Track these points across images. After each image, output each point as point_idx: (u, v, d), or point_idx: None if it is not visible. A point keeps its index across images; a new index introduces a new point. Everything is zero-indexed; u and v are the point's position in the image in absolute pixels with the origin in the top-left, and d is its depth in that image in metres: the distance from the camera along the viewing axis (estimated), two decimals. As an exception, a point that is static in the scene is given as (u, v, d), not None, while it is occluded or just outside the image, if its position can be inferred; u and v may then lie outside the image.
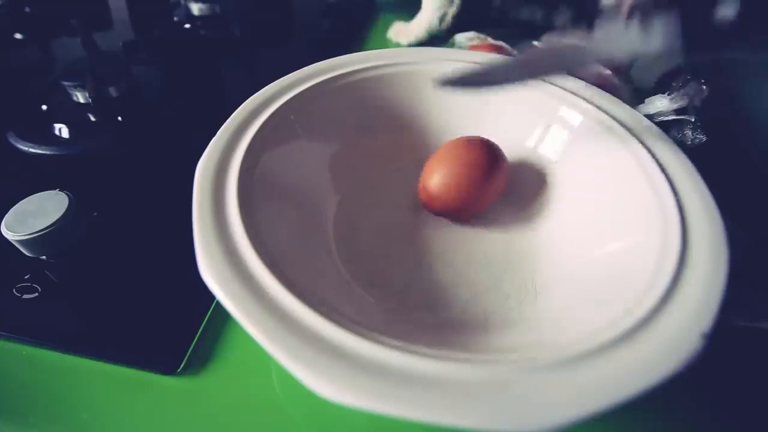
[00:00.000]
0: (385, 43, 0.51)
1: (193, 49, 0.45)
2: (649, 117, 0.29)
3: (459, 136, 0.31)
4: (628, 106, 0.27)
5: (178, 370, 0.23)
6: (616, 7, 0.18)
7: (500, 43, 0.39)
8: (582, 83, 0.29)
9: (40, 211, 0.26)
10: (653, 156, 0.24)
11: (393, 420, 0.15)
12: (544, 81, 0.22)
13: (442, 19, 0.48)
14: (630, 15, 0.18)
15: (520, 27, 0.51)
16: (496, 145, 0.27)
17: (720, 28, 0.15)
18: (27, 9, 0.56)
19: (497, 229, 0.28)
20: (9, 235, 0.25)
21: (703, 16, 0.16)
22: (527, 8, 0.50)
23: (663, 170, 0.23)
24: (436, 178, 0.26)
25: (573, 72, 0.21)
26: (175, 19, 0.54)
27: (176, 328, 0.25)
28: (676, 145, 0.25)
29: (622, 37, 0.19)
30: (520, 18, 0.51)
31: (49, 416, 0.22)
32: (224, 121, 0.25)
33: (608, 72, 0.34)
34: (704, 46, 0.16)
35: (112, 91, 0.39)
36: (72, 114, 0.38)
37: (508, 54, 0.38)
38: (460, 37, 0.43)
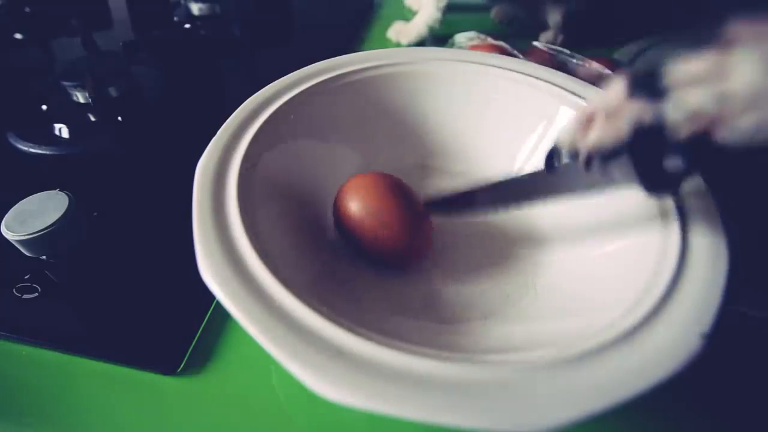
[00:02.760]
0: (385, 43, 0.51)
1: (193, 49, 0.45)
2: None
3: (459, 136, 0.31)
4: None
5: (178, 370, 0.23)
6: (573, 154, 0.19)
7: (500, 43, 0.39)
8: (582, 83, 0.29)
9: (40, 211, 0.26)
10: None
11: (393, 420, 0.15)
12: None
13: (443, 14, 0.48)
14: (588, 162, 0.19)
15: (508, 25, 0.51)
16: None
17: (672, 174, 0.17)
18: (27, 9, 0.56)
19: (497, 229, 0.28)
20: (9, 235, 0.25)
21: (657, 165, 0.17)
22: (510, 6, 0.50)
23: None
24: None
25: (542, 202, 0.22)
26: (175, 19, 0.54)
27: (176, 328, 0.25)
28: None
29: (585, 178, 0.19)
30: (499, 18, 0.51)
31: (49, 416, 0.22)
32: (224, 121, 0.25)
33: (608, 72, 0.34)
34: (662, 188, 0.18)
35: (112, 91, 0.39)
36: (72, 114, 0.38)
37: (509, 54, 0.38)
38: (460, 37, 0.43)
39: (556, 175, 0.21)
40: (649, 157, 0.17)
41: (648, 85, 0.17)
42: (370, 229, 0.23)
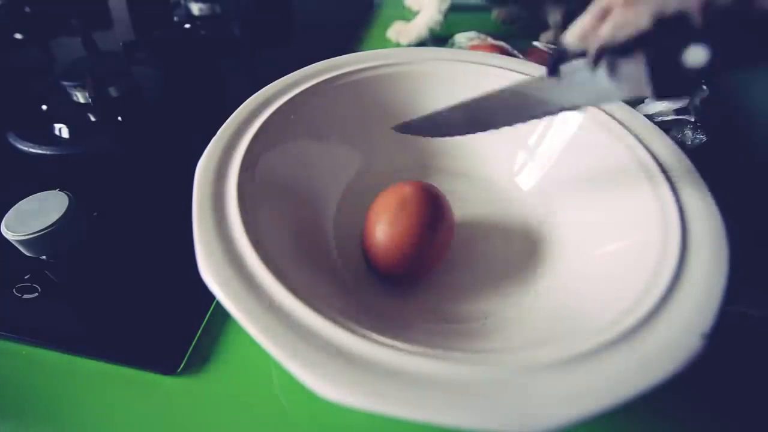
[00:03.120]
0: (385, 43, 0.51)
1: (193, 49, 0.45)
2: (650, 117, 0.29)
3: (458, 136, 0.31)
4: (628, 106, 0.27)
5: (178, 370, 0.23)
6: (582, 49, 0.17)
7: (500, 42, 0.39)
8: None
9: (40, 211, 0.26)
10: (653, 156, 0.24)
11: (393, 420, 0.15)
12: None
13: (445, 16, 0.48)
14: (597, 59, 0.17)
15: (509, 25, 0.51)
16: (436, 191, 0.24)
17: (689, 73, 0.15)
18: (27, 9, 0.56)
19: (497, 229, 0.28)
20: (9, 235, 0.25)
21: (673, 62, 0.15)
22: (510, 6, 0.50)
23: (663, 170, 0.23)
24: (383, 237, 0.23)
25: (533, 118, 0.20)
26: (175, 19, 0.54)
27: (176, 328, 0.25)
28: (675, 144, 0.25)
29: (589, 84, 0.18)
30: (500, 18, 0.51)
31: (49, 416, 0.22)
32: (224, 121, 0.25)
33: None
34: (673, 91, 0.16)
35: (112, 91, 0.39)
36: (72, 114, 0.38)
37: (509, 54, 0.38)
38: (460, 37, 0.43)
39: (559, 80, 0.19)
40: (667, 52, 0.15)
41: None
42: (375, 244, 0.23)
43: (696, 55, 0.14)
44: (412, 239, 0.22)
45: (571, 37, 0.17)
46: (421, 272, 0.24)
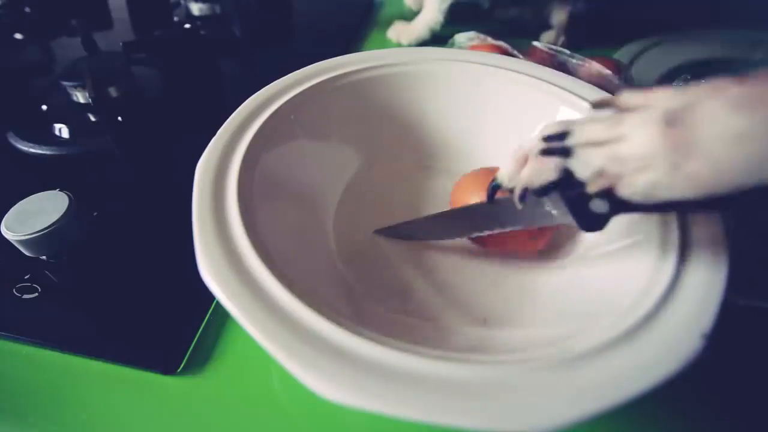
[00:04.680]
0: (385, 43, 0.51)
1: (193, 49, 0.45)
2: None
3: (459, 136, 0.31)
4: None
5: (178, 370, 0.23)
6: (509, 185, 0.21)
7: (500, 43, 0.39)
8: (582, 83, 0.29)
9: (40, 211, 0.26)
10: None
11: (393, 420, 0.15)
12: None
13: (444, 15, 0.48)
14: (521, 197, 0.20)
15: (511, 25, 0.51)
16: None
17: (599, 216, 0.18)
18: (27, 9, 0.56)
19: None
20: (9, 235, 0.25)
21: (583, 206, 0.18)
22: (515, 8, 0.50)
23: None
24: None
25: (485, 231, 0.24)
26: (175, 19, 0.54)
27: (176, 328, 0.25)
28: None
29: (523, 210, 0.21)
30: (508, 17, 0.51)
31: (49, 416, 0.22)
32: (224, 121, 0.25)
33: (608, 72, 0.34)
34: (593, 226, 0.19)
35: (112, 91, 0.39)
36: (72, 114, 0.38)
37: (509, 54, 0.38)
38: (460, 37, 0.43)
39: (499, 206, 0.22)
40: (576, 197, 0.19)
41: (560, 143, 0.19)
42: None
43: (598, 205, 0.18)
44: None
45: (501, 177, 0.21)
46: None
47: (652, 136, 0.16)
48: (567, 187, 0.19)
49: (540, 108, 0.29)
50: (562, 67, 0.35)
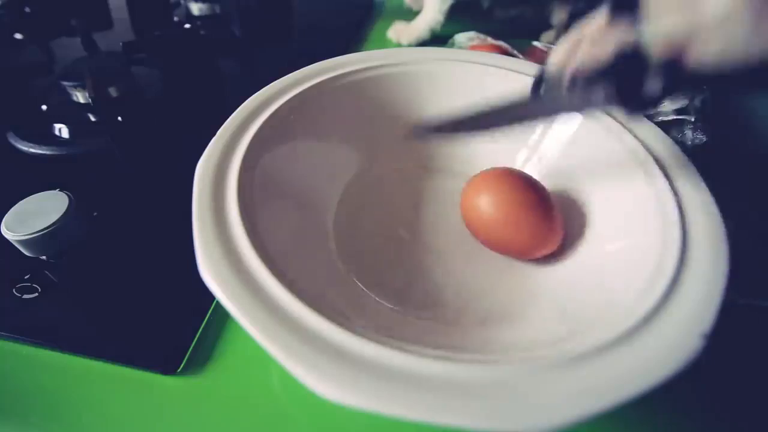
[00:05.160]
0: (385, 43, 0.51)
1: (193, 49, 0.45)
2: (650, 117, 0.29)
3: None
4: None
5: (178, 370, 0.23)
6: (560, 76, 0.20)
7: (500, 42, 0.39)
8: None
9: (40, 211, 0.26)
10: (653, 156, 0.24)
11: (393, 420, 0.15)
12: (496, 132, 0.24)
13: (444, 15, 0.48)
14: (571, 84, 0.20)
15: (511, 25, 0.51)
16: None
17: (648, 98, 0.18)
18: (27, 9, 0.56)
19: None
20: (9, 235, 0.25)
21: (635, 89, 0.18)
22: (515, 8, 0.50)
23: (663, 170, 0.23)
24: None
25: (522, 124, 0.23)
26: (175, 19, 0.54)
27: (176, 328, 0.25)
28: (675, 144, 0.25)
29: (568, 101, 0.20)
30: (508, 16, 0.51)
31: (50, 416, 0.22)
32: (224, 121, 0.25)
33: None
34: (638, 109, 0.19)
35: (112, 91, 0.39)
36: (72, 114, 0.38)
37: (509, 54, 0.38)
38: (460, 37, 0.43)
39: (540, 100, 0.21)
40: (629, 80, 0.18)
41: (629, 8, 0.18)
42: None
43: (653, 85, 0.17)
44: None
45: (551, 64, 0.20)
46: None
47: None
48: (622, 71, 0.18)
49: (540, 108, 0.29)
50: (562, 67, 0.35)
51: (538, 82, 0.21)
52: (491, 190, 0.25)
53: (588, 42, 0.18)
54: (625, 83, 0.18)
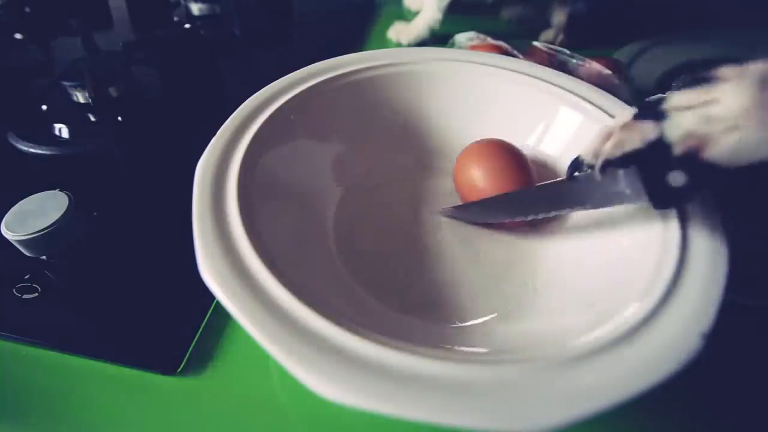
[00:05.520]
0: (385, 43, 0.51)
1: (193, 49, 0.45)
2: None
3: (459, 136, 0.31)
4: (628, 106, 0.27)
5: (178, 370, 0.23)
6: (592, 161, 0.22)
7: (500, 42, 0.39)
8: (582, 83, 0.29)
9: (40, 211, 0.26)
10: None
11: (393, 420, 0.15)
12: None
13: (443, 12, 0.48)
14: (602, 169, 0.21)
15: (513, 25, 0.51)
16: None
17: (676, 189, 0.19)
18: (27, 9, 0.56)
19: (498, 228, 0.28)
20: (9, 235, 0.25)
21: (660, 180, 0.19)
22: (518, 6, 0.50)
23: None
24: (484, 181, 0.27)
25: (563, 211, 0.24)
26: (175, 19, 0.54)
27: (176, 328, 0.25)
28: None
29: (600, 189, 0.22)
30: (510, 15, 0.51)
31: (50, 416, 0.22)
32: (224, 121, 0.25)
33: (608, 72, 0.34)
34: (667, 202, 0.20)
35: (112, 91, 0.39)
36: (72, 114, 0.38)
37: (509, 54, 0.38)
38: (460, 37, 0.43)
39: (576, 183, 0.23)
40: (655, 170, 0.19)
41: (653, 108, 0.20)
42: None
43: (676, 178, 0.19)
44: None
45: (586, 151, 0.22)
46: None
47: (744, 98, 0.17)
48: (648, 159, 0.19)
49: (540, 108, 0.29)
50: (562, 67, 0.35)
51: (574, 167, 0.23)
52: (482, 160, 0.27)
53: (617, 134, 0.20)
54: (651, 172, 0.19)
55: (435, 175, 0.31)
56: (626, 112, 0.21)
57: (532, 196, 0.25)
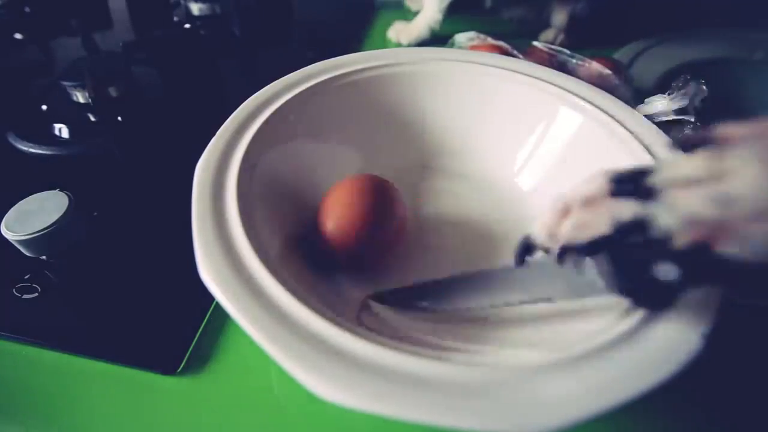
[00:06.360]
0: (385, 43, 0.51)
1: (193, 49, 0.45)
2: (649, 117, 0.29)
3: (459, 136, 0.31)
4: (628, 106, 0.27)
5: (178, 370, 0.23)
6: (547, 246, 0.17)
7: (500, 43, 0.39)
8: (582, 83, 0.29)
9: (40, 211, 0.26)
10: (653, 156, 0.24)
11: (392, 420, 0.15)
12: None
13: (443, 13, 0.48)
14: (560, 257, 0.17)
15: (513, 25, 0.51)
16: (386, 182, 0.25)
17: (664, 287, 0.14)
18: (27, 9, 0.56)
19: (498, 229, 0.28)
20: (9, 235, 0.25)
21: (641, 272, 0.15)
22: (519, 7, 0.50)
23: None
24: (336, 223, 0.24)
25: (508, 305, 0.20)
26: (175, 19, 0.54)
27: (176, 328, 0.25)
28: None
29: (558, 278, 0.17)
30: (511, 17, 0.51)
31: (49, 416, 0.22)
32: (224, 121, 0.25)
33: (608, 72, 0.34)
34: (650, 300, 0.15)
35: (112, 91, 0.39)
36: (72, 114, 0.38)
37: (509, 54, 0.38)
38: (460, 37, 0.43)
39: (528, 271, 0.18)
40: (633, 260, 0.15)
41: (634, 182, 0.15)
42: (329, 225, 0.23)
43: (666, 271, 0.14)
44: (363, 220, 0.23)
45: (538, 229, 0.17)
46: (373, 253, 0.25)
47: None
48: (620, 246, 0.15)
49: (540, 108, 0.29)
50: (562, 67, 0.35)
51: (524, 252, 0.18)
52: (351, 199, 0.24)
53: (578, 213, 0.16)
54: (628, 264, 0.15)
55: (435, 175, 0.31)
56: (594, 176, 0.16)
57: (478, 284, 0.20)
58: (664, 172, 0.14)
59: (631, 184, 0.15)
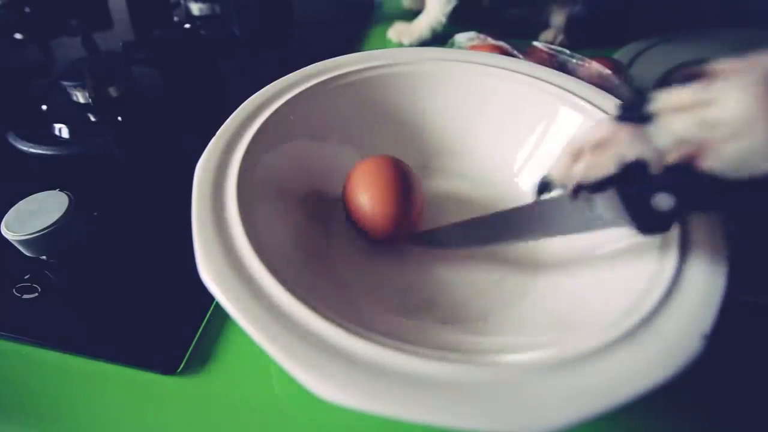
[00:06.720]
0: (385, 43, 0.51)
1: (193, 49, 0.45)
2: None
3: (459, 136, 0.31)
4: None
5: (178, 370, 0.23)
6: (562, 185, 0.19)
7: (500, 43, 0.39)
8: (582, 83, 0.29)
9: (40, 211, 0.26)
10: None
11: (392, 420, 0.15)
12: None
13: (447, 17, 0.48)
14: (574, 194, 0.19)
15: (513, 25, 0.51)
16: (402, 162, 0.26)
17: (662, 215, 0.17)
18: (27, 9, 0.56)
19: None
20: (9, 235, 0.25)
21: (643, 204, 0.17)
22: (518, 7, 0.50)
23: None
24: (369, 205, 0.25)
25: (530, 239, 0.22)
26: (175, 19, 0.54)
27: (176, 328, 0.25)
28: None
29: (572, 213, 0.19)
30: (511, 16, 0.51)
31: (49, 416, 0.22)
32: (224, 121, 0.25)
33: (608, 72, 0.34)
34: (652, 227, 0.17)
35: (112, 91, 0.39)
36: (72, 114, 0.38)
37: (509, 54, 0.38)
38: (460, 37, 0.43)
39: (545, 207, 0.21)
40: (636, 193, 0.17)
41: (636, 108, 0.17)
42: (365, 205, 0.24)
43: (662, 201, 0.17)
44: (395, 198, 0.24)
45: (553, 171, 0.19)
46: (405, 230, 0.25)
47: (750, 98, 0.14)
48: (626, 180, 0.17)
49: (540, 108, 0.29)
50: (562, 67, 0.35)
51: (541, 191, 0.20)
52: (374, 179, 0.25)
53: (590, 155, 0.18)
54: (633, 196, 0.17)
55: (434, 175, 0.31)
56: (601, 120, 0.18)
57: (498, 223, 0.23)
58: (661, 100, 0.16)
59: (633, 109, 0.17)
